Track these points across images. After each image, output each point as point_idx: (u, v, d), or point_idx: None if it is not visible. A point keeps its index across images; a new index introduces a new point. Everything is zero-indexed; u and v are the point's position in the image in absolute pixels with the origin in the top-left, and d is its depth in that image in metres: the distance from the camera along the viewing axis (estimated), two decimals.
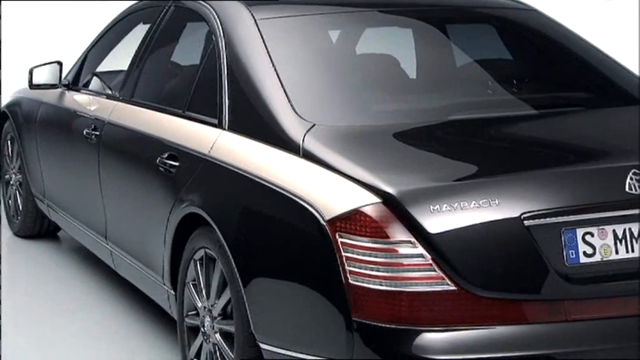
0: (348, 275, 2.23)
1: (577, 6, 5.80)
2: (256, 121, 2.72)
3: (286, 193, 2.44)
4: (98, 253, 3.90)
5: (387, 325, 2.18)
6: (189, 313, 2.90)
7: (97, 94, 4.00)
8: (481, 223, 2.20)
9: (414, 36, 3.35)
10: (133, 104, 3.58)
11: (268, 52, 2.83)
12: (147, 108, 3.44)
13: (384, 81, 3.02)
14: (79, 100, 4.18)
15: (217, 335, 2.71)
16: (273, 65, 2.78)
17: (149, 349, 3.33)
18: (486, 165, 2.43)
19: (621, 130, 2.68)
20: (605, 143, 2.57)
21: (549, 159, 2.46)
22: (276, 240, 2.48)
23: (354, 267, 2.23)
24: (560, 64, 3.14)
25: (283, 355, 2.42)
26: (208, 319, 2.76)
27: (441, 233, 2.19)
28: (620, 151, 2.49)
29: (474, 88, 3.04)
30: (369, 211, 2.24)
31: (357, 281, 2.22)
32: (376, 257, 2.21)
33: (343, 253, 2.24)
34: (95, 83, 4.16)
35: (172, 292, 3.04)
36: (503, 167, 2.39)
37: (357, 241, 2.23)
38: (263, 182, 2.53)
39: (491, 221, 2.20)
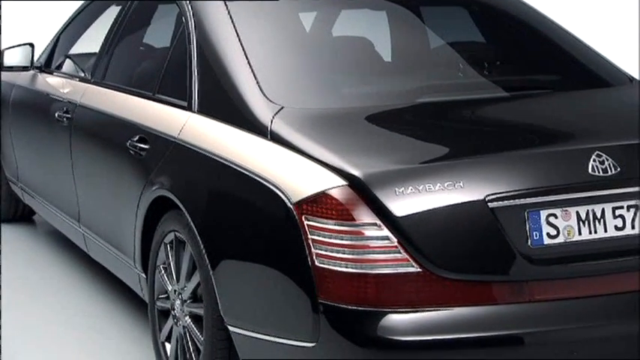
0: (314, 257, 2.23)
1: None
2: (225, 104, 2.71)
3: (254, 176, 2.43)
4: (71, 237, 3.89)
5: (353, 307, 2.19)
6: (160, 296, 2.90)
7: (70, 76, 3.98)
8: (446, 206, 2.21)
9: (388, 18, 3.35)
10: (104, 87, 3.56)
11: (238, 34, 2.81)
12: (118, 90, 3.42)
13: (356, 64, 3.01)
14: (51, 82, 4.15)
15: (187, 318, 2.72)
16: (242, 48, 2.77)
17: (121, 332, 3.33)
18: (452, 147, 2.43)
19: (587, 112, 2.69)
20: (570, 126, 2.58)
21: (514, 141, 2.46)
22: (243, 223, 2.48)
23: (320, 249, 2.24)
24: (531, 47, 3.15)
25: (251, 337, 2.42)
26: (178, 302, 2.76)
27: (406, 216, 2.20)
28: (585, 133, 2.51)
29: (445, 70, 3.05)
30: (335, 193, 2.24)
31: (323, 263, 2.22)
32: (342, 240, 2.22)
33: (309, 236, 2.25)
34: (68, 65, 4.13)
35: (143, 275, 3.04)
36: (468, 150, 2.39)
37: (323, 223, 2.23)
38: (231, 165, 2.53)
39: (456, 203, 2.21)
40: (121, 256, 3.24)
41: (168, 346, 2.86)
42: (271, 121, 2.50)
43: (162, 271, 2.87)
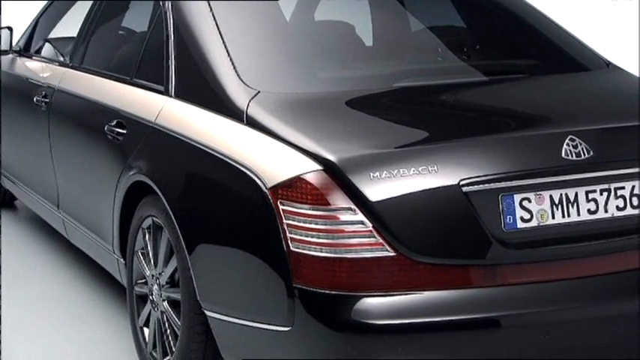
0: (289, 242, 2.24)
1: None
2: (202, 89, 2.70)
3: (230, 161, 2.43)
4: (51, 222, 3.88)
5: (328, 291, 2.20)
6: (138, 281, 2.90)
7: (49, 60, 3.95)
8: (420, 190, 2.21)
9: (369, 3, 3.34)
10: (82, 71, 3.54)
11: (215, 18, 2.79)
12: (96, 75, 3.40)
13: (336, 48, 3.00)
14: (30, 66, 4.12)
15: (165, 303, 2.72)
16: (219, 32, 2.75)
17: (101, 317, 3.33)
18: (427, 132, 2.44)
19: (562, 97, 2.69)
20: (544, 110, 2.58)
21: (489, 126, 2.47)
22: (220, 208, 2.48)
23: (295, 234, 2.24)
24: (510, 31, 3.15)
25: (228, 322, 2.43)
26: (156, 287, 2.76)
27: (380, 200, 2.20)
28: (559, 117, 2.51)
29: (423, 55, 3.04)
30: (309, 178, 2.24)
31: (298, 248, 2.23)
32: (317, 224, 2.22)
33: (284, 221, 2.25)
34: (47, 49, 4.11)
35: (122, 260, 3.04)
36: (443, 134, 2.40)
37: (298, 208, 2.24)
38: (207, 150, 2.52)
39: (430, 188, 2.21)
40: (99, 242, 3.23)
41: (146, 330, 2.86)
42: (247, 106, 2.50)
43: (141, 257, 2.87)
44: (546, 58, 2.94)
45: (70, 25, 4.09)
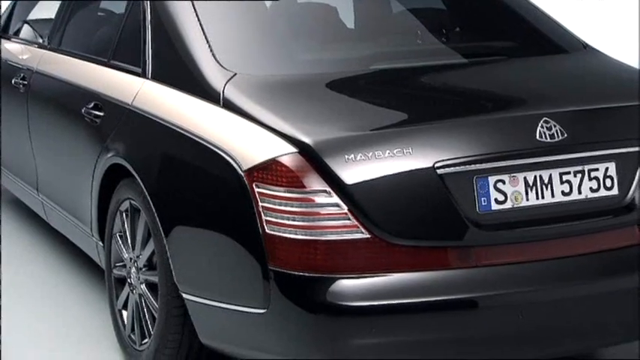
0: (264, 225, 2.24)
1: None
2: (178, 71, 2.68)
3: (205, 144, 2.42)
4: (31, 205, 3.86)
5: (303, 274, 2.20)
6: (117, 264, 2.90)
7: (27, 42, 3.92)
8: (395, 172, 2.21)
9: None
10: (60, 53, 3.52)
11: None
12: (74, 57, 3.38)
13: (316, 30, 2.99)
14: (8, 48, 4.08)
15: (143, 286, 2.72)
16: (196, 13, 2.73)
17: (80, 300, 3.33)
18: (402, 114, 2.44)
19: (539, 79, 2.69)
20: (520, 92, 2.59)
21: (464, 108, 2.47)
22: (196, 190, 2.48)
23: (271, 217, 2.24)
24: (489, 14, 3.13)
25: (204, 304, 2.43)
26: (134, 270, 2.76)
27: (355, 182, 2.20)
28: (534, 99, 2.51)
29: (402, 37, 3.03)
30: (285, 160, 2.24)
31: (274, 231, 2.23)
32: (292, 207, 2.22)
33: (260, 203, 2.25)
34: (26, 31, 4.07)
35: (100, 243, 3.03)
36: (418, 116, 2.40)
37: (273, 190, 2.24)
38: (183, 132, 2.51)
39: (405, 170, 2.21)
40: (78, 224, 3.22)
41: (125, 313, 2.86)
42: (224, 88, 2.48)
43: (119, 239, 2.87)
44: (524, 41, 2.94)
45: (48, 7, 4.06)
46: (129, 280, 2.81)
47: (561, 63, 2.82)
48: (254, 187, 2.26)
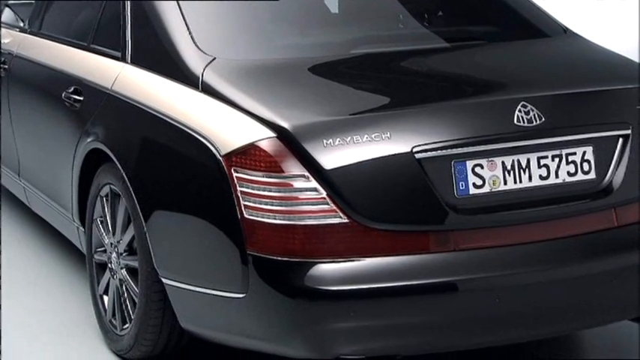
0: (243, 209, 2.24)
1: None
2: (158, 55, 2.67)
3: (184, 128, 2.42)
4: (13, 190, 3.84)
5: (282, 258, 2.21)
6: (98, 249, 2.89)
7: (8, 26, 3.89)
8: (373, 157, 2.21)
9: None
10: (40, 37, 3.49)
11: None
12: (54, 41, 3.36)
13: (298, 15, 2.97)
14: None
15: (123, 271, 2.72)
16: None
17: (62, 285, 3.32)
18: (381, 99, 2.44)
19: (518, 63, 2.69)
20: (498, 76, 2.58)
21: (442, 93, 2.47)
22: (175, 175, 2.47)
23: (249, 201, 2.24)
24: None
25: (184, 289, 2.43)
26: (115, 255, 2.76)
27: (334, 167, 2.20)
28: (512, 84, 2.51)
29: (384, 22, 3.02)
30: (263, 145, 2.23)
31: (252, 215, 2.23)
32: (270, 191, 2.22)
33: (238, 188, 2.25)
34: (7, 15, 4.04)
35: (81, 228, 3.03)
36: (396, 101, 2.40)
37: (252, 175, 2.23)
38: (162, 117, 2.50)
39: (384, 155, 2.21)
40: (59, 210, 3.21)
41: (106, 298, 2.86)
42: (202, 73, 2.47)
43: (99, 225, 2.86)
44: (505, 25, 2.93)
45: None
46: (109, 265, 2.80)
47: (541, 47, 2.82)
48: (232, 171, 2.25)
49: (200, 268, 2.40)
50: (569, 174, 2.33)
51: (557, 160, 2.32)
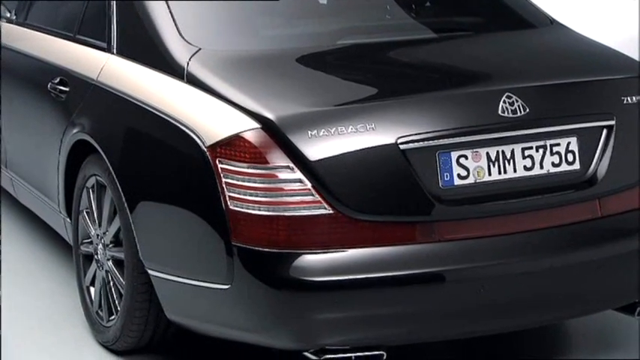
0: (228, 201, 2.24)
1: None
2: (143, 45, 2.66)
3: (169, 119, 2.41)
4: (1, 182, 3.85)
5: (266, 249, 2.21)
6: (84, 240, 2.89)
7: None
8: (358, 148, 2.21)
9: None
10: (26, 27, 3.47)
11: None
12: (40, 31, 3.34)
13: (286, 6, 2.95)
14: None
15: (109, 262, 2.71)
16: None
17: (49, 277, 3.31)
18: (366, 90, 2.44)
19: (503, 54, 2.69)
20: (484, 68, 2.58)
21: (427, 84, 2.47)
22: (160, 166, 2.47)
23: (234, 192, 2.24)
24: None
25: (169, 280, 2.43)
26: (101, 246, 2.76)
27: (318, 158, 2.20)
28: (497, 75, 2.51)
29: (371, 12, 3.01)
30: (248, 136, 2.23)
31: (237, 207, 2.23)
32: (255, 183, 2.22)
33: (223, 179, 2.25)
34: None
35: (68, 219, 3.02)
36: (381, 92, 2.40)
37: (236, 166, 2.23)
38: (148, 108, 2.50)
39: (368, 146, 2.21)
40: (46, 201, 3.21)
41: (92, 290, 2.86)
42: (188, 63, 2.46)
43: (86, 216, 2.86)
44: (492, 16, 2.92)
45: None
46: (96, 256, 2.80)
47: (527, 38, 2.81)
48: (217, 162, 2.25)
49: (185, 259, 2.39)
50: (554, 165, 2.34)
51: (541, 150, 2.33)
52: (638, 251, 2.38)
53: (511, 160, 2.30)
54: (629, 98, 2.43)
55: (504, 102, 2.29)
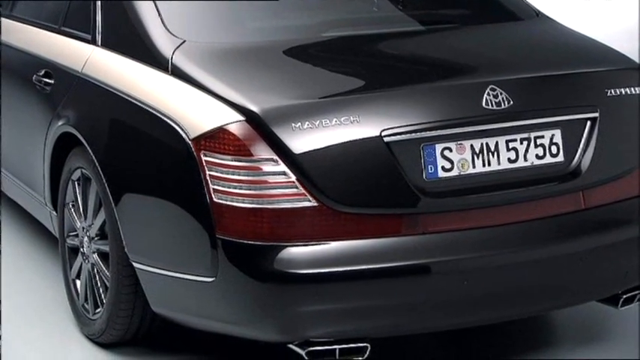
0: (212, 193, 2.23)
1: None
2: (128, 38, 2.65)
3: (154, 112, 2.40)
4: None
5: (251, 242, 2.20)
6: (70, 233, 2.89)
7: None
8: (342, 141, 2.21)
9: None
10: (12, 19, 3.44)
11: None
12: (25, 23, 3.32)
13: None
14: None
15: (95, 255, 2.71)
16: None
17: (35, 270, 3.29)
18: (350, 82, 2.43)
19: (488, 47, 2.69)
20: (468, 60, 2.58)
21: (411, 76, 2.46)
22: (145, 159, 2.46)
23: (218, 185, 2.23)
24: None
25: (155, 273, 2.42)
26: (86, 239, 2.75)
27: (303, 151, 2.20)
28: (482, 67, 2.51)
29: (358, 5, 3.00)
30: (232, 129, 2.23)
31: (221, 199, 2.23)
32: (239, 175, 2.21)
33: (207, 172, 2.24)
34: None
35: (54, 212, 3.01)
36: (365, 84, 2.40)
37: (220, 159, 2.23)
38: (132, 100, 2.49)
39: (352, 138, 2.21)
40: (32, 194, 3.19)
41: (78, 283, 2.85)
42: (172, 55, 2.45)
43: (71, 209, 2.85)
44: (478, 8, 2.92)
45: None
46: (81, 249, 2.79)
47: (513, 30, 2.81)
48: (201, 155, 2.25)
49: (170, 251, 2.39)
50: (538, 157, 2.34)
51: (525, 143, 2.33)
52: (622, 243, 2.39)
53: (495, 153, 2.30)
54: (612, 90, 2.44)
55: (488, 94, 2.29)
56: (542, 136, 2.34)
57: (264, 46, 2.53)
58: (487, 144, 2.30)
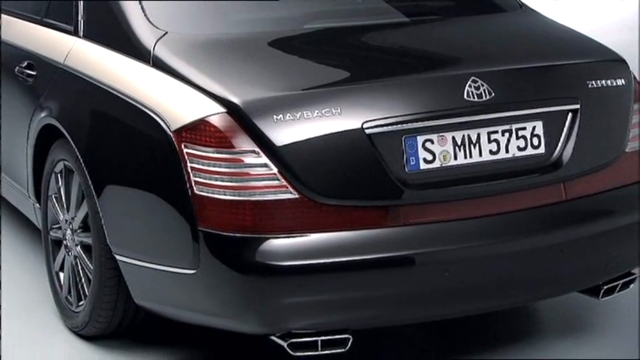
0: (193, 185, 2.23)
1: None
2: (109, 29, 2.64)
3: (135, 103, 2.40)
4: None
5: (232, 234, 2.20)
6: (53, 226, 2.88)
7: None
8: (324, 132, 2.21)
9: None
10: None
11: None
12: (7, 15, 3.29)
13: None
14: None
15: (78, 248, 2.70)
16: None
17: (19, 262, 3.28)
18: (332, 74, 2.43)
19: (470, 38, 2.68)
20: (450, 52, 2.58)
21: (393, 68, 2.46)
22: (126, 151, 2.46)
23: (200, 177, 2.23)
24: None
25: (137, 265, 2.42)
26: (69, 232, 2.74)
27: (284, 143, 2.19)
28: (463, 59, 2.51)
29: None
30: (213, 121, 2.22)
31: (203, 191, 2.22)
32: (221, 167, 2.21)
33: (189, 164, 2.24)
34: None
35: (37, 205, 3.00)
36: (347, 76, 2.39)
37: (202, 151, 2.22)
38: (114, 92, 2.48)
39: (334, 130, 2.21)
40: (15, 186, 3.18)
41: (62, 275, 2.85)
42: (154, 47, 2.45)
43: (54, 201, 2.84)
44: (462, 0, 2.91)
45: None
46: (64, 242, 2.78)
47: (496, 22, 2.81)
48: (183, 147, 2.24)
49: (152, 244, 2.38)
50: (519, 148, 2.35)
51: (507, 134, 2.33)
52: (603, 234, 2.40)
53: (477, 144, 2.30)
54: (594, 82, 2.44)
55: (470, 86, 2.29)
56: (524, 128, 2.34)
57: (247, 38, 2.52)
58: (469, 136, 2.30)
